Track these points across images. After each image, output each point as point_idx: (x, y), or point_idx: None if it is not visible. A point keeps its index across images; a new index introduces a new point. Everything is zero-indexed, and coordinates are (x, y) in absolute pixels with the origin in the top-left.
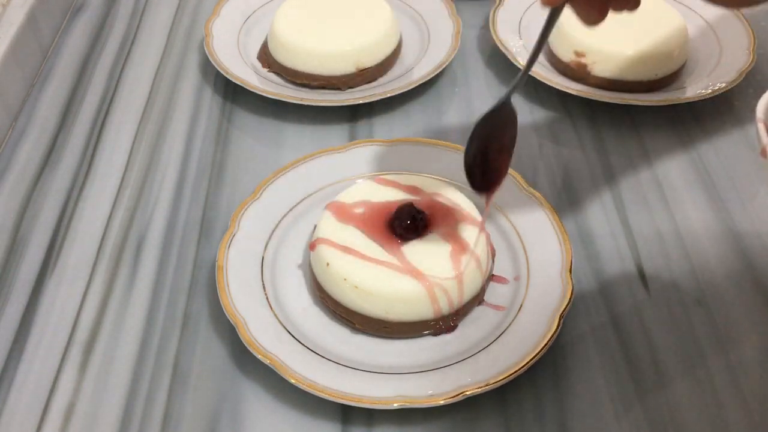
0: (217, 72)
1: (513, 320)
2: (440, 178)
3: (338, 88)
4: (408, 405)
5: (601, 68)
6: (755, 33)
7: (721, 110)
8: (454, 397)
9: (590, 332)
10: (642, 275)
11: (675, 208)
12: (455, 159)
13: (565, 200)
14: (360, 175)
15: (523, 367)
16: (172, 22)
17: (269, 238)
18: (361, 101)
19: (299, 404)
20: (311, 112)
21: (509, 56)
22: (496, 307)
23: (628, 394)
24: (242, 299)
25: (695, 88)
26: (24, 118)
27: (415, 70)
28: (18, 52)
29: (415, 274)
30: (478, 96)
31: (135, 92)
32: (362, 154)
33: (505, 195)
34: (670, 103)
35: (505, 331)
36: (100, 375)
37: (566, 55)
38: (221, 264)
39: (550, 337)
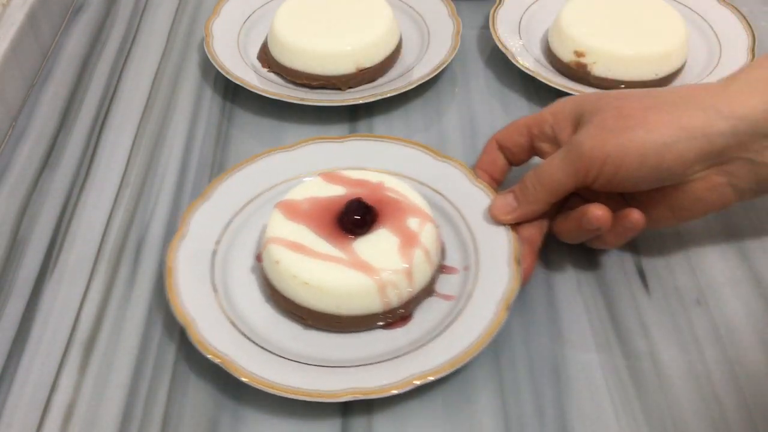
0: (217, 72)
1: (462, 310)
2: (389, 171)
3: (338, 88)
4: (359, 397)
5: (601, 68)
6: (755, 33)
7: None
8: (403, 386)
9: (590, 332)
10: (642, 275)
11: None
12: (407, 154)
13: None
14: (310, 172)
15: (470, 355)
16: (172, 22)
17: (220, 238)
18: (360, 101)
19: (299, 404)
20: (311, 112)
21: (509, 56)
22: (446, 297)
23: (628, 394)
24: (192, 300)
25: None
26: (24, 118)
27: (415, 70)
28: (18, 52)
29: (365, 268)
30: (478, 96)
31: (135, 92)
32: (312, 152)
33: (455, 187)
34: None
35: (454, 320)
36: (100, 375)
37: (566, 55)
38: (170, 265)
39: (495, 326)
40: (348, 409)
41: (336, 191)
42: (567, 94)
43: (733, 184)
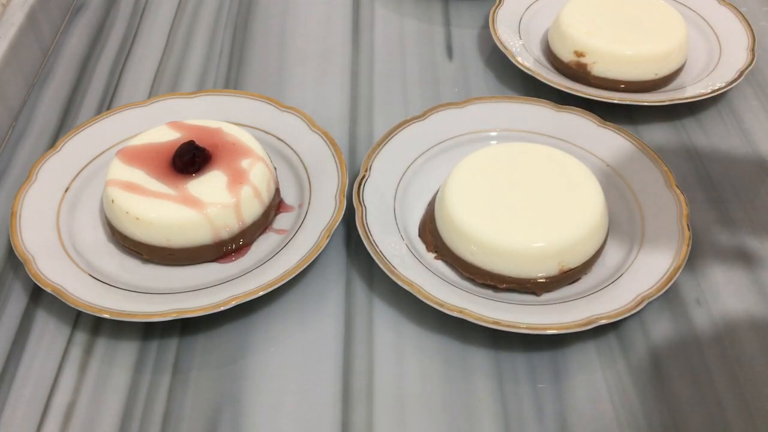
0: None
1: (290, 240)
2: (236, 123)
3: None
4: (183, 315)
5: (601, 68)
6: (755, 33)
7: (721, 110)
8: (225, 304)
9: (590, 332)
10: None
11: None
12: (254, 106)
13: None
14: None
15: (293, 272)
16: (172, 22)
17: (68, 186)
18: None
19: (299, 404)
20: None
21: (509, 56)
22: (279, 231)
23: (628, 393)
24: (34, 240)
25: (695, 88)
26: (24, 118)
27: None
28: (18, 52)
29: (193, 202)
30: (478, 96)
31: (135, 92)
32: (165, 107)
33: (295, 134)
34: (670, 103)
35: (282, 249)
36: (100, 375)
37: (566, 55)
38: (15, 210)
39: (316, 250)
40: (347, 413)
41: (175, 137)
42: (567, 94)
43: None
